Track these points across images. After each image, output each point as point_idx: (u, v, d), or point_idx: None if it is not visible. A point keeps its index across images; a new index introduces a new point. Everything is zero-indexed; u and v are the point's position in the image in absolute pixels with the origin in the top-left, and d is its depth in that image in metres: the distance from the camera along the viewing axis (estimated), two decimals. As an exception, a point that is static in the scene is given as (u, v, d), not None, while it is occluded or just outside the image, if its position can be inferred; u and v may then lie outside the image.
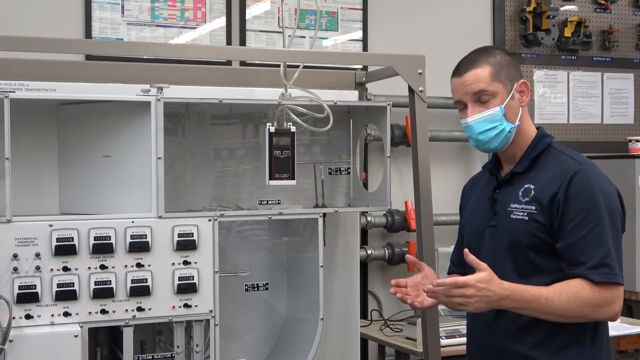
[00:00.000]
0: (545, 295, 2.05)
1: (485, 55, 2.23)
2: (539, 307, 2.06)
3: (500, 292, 2.05)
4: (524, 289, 2.07)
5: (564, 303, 2.04)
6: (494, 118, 2.17)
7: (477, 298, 2.03)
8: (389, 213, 4.42)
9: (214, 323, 2.49)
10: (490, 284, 2.05)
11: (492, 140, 2.19)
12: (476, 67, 2.20)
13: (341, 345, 2.95)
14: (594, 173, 2.12)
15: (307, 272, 2.72)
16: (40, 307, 2.30)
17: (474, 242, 2.28)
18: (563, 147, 2.24)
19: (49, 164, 2.61)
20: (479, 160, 4.88)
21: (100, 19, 4.00)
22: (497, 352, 2.21)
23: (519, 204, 2.16)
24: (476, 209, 2.33)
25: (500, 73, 2.19)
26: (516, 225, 2.15)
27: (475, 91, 2.19)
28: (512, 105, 2.19)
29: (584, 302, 2.04)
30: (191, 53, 2.70)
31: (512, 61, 2.24)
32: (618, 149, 5.10)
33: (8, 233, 2.28)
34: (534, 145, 2.22)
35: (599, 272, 2.04)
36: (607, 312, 2.07)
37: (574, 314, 2.06)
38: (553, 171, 2.15)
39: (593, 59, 5.28)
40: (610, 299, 2.06)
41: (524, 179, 2.20)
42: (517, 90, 2.20)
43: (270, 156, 2.56)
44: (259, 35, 4.34)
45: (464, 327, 3.79)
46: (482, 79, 2.18)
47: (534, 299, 2.05)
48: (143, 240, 2.40)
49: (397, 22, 4.67)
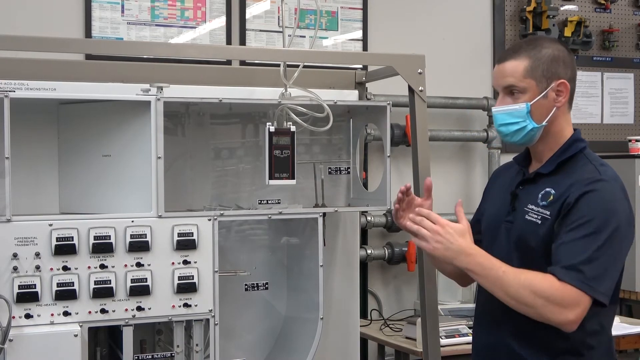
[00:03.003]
0: (505, 270, 2.02)
1: (532, 46, 2.15)
2: (493, 277, 2.02)
3: (466, 248, 2.04)
4: (488, 257, 2.05)
5: (517, 283, 1.99)
6: (518, 114, 2.12)
7: (439, 237, 2.04)
8: (388, 213, 4.42)
9: (213, 323, 2.49)
10: (460, 236, 2.05)
11: (513, 134, 2.15)
12: (515, 58, 2.14)
13: (341, 344, 2.95)
14: (613, 187, 2.06)
15: (307, 272, 2.72)
16: (40, 307, 2.30)
17: (489, 233, 2.26)
18: (594, 155, 2.17)
19: (48, 164, 2.61)
20: (479, 160, 4.88)
21: (100, 19, 4.00)
22: (499, 351, 2.20)
23: (536, 205, 2.12)
24: (497, 200, 2.29)
25: (537, 69, 2.11)
26: (528, 226, 2.12)
27: (505, 85, 2.15)
28: (543, 104, 2.12)
29: (537, 291, 1.97)
30: (191, 53, 2.70)
31: (561, 57, 2.14)
32: (618, 149, 5.10)
33: (8, 232, 2.28)
34: (565, 149, 2.15)
35: (568, 272, 1.97)
36: (559, 314, 1.98)
37: (524, 299, 1.99)
38: (575, 179, 2.08)
39: (593, 59, 5.28)
40: (567, 302, 1.97)
41: (547, 181, 2.14)
42: (554, 89, 2.12)
43: (270, 156, 2.56)
44: (259, 34, 4.34)
45: (464, 327, 3.81)
46: (514, 74, 2.12)
47: (492, 268, 2.02)
48: (143, 240, 2.40)
49: (397, 22, 4.67)
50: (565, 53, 2.16)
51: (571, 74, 2.16)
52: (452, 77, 4.70)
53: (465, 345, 3.71)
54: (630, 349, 4.51)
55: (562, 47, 2.18)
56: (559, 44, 2.19)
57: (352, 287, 2.98)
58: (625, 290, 4.57)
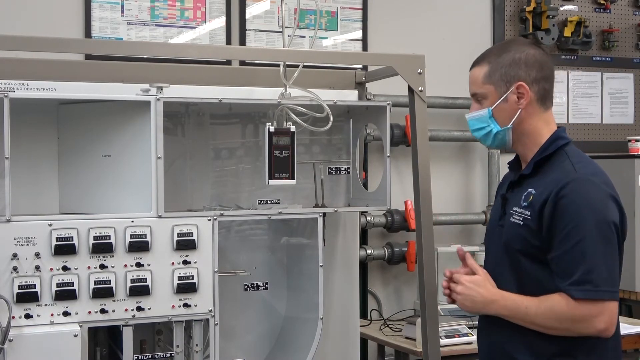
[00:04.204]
0: (526, 304, 2.07)
1: (495, 51, 2.19)
2: (520, 316, 2.08)
3: (488, 296, 2.11)
4: (509, 297, 2.11)
5: (541, 315, 2.05)
6: (482, 119, 2.20)
7: (463, 296, 2.13)
8: (388, 213, 4.43)
9: (213, 323, 2.49)
10: (480, 287, 2.11)
11: (484, 138, 2.23)
12: (478, 65, 2.20)
13: (341, 345, 2.95)
14: (588, 183, 2.04)
15: (307, 272, 2.72)
16: (40, 307, 2.30)
17: (488, 237, 2.32)
18: (575, 151, 2.16)
19: (48, 164, 2.61)
20: (478, 160, 4.88)
21: (100, 19, 4.00)
22: (496, 354, 2.21)
23: (519, 207, 2.14)
24: (495, 205, 2.34)
25: (495, 74, 2.14)
26: (512, 229, 2.14)
27: (471, 93, 2.23)
28: (504, 107, 2.15)
29: (560, 316, 2.03)
30: (191, 53, 2.70)
31: (522, 60, 2.14)
32: (618, 149, 5.10)
33: (8, 232, 2.28)
34: (544, 149, 2.16)
35: (581, 289, 1.99)
36: (589, 328, 2.02)
37: (552, 326, 2.05)
38: (552, 177, 2.09)
39: (593, 59, 5.28)
40: (591, 315, 2.00)
41: (529, 182, 2.15)
42: (514, 92, 2.14)
43: (270, 156, 2.56)
44: (259, 34, 4.34)
45: (464, 327, 3.81)
46: (476, 81, 2.19)
47: (516, 307, 2.08)
48: (143, 240, 2.40)
49: (397, 22, 4.67)
50: (530, 55, 2.15)
51: (537, 75, 2.15)
52: (452, 77, 4.68)
53: (465, 345, 3.71)
54: (630, 349, 4.50)
55: (529, 48, 2.17)
56: (528, 45, 2.18)
57: (352, 287, 2.98)
58: (625, 290, 4.56)
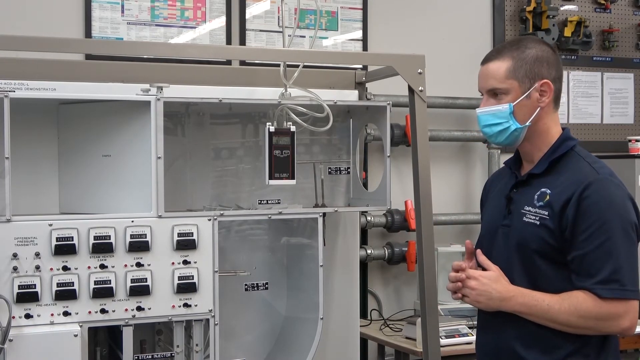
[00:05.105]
0: (548, 302, 2.05)
1: (515, 47, 2.17)
2: (540, 313, 2.06)
3: (504, 292, 2.08)
4: (528, 293, 2.08)
5: (564, 312, 2.03)
6: (501, 114, 2.15)
7: (478, 292, 2.10)
8: (388, 213, 4.43)
9: (213, 323, 2.49)
10: (495, 282, 2.08)
11: (497, 135, 2.18)
12: (498, 59, 2.16)
13: (341, 345, 2.95)
14: (610, 184, 2.07)
15: (307, 272, 2.72)
16: (40, 307, 2.30)
17: (487, 239, 2.27)
18: (585, 152, 2.18)
19: (48, 164, 2.61)
20: (478, 160, 4.88)
21: (100, 19, 4.00)
22: (503, 354, 2.20)
23: (532, 207, 2.13)
24: (493, 206, 2.31)
25: (520, 70, 2.13)
26: (527, 228, 2.12)
27: (488, 88, 2.18)
28: (526, 104, 2.14)
29: (584, 314, 2.02)
30: (191, 53, 2.70)
31: (544, 58, 2.15)
32: (618, 149, 5.10)
33: (8, 232, 2.28)
34: (555, 148, 2.16)
35: (607, 288, 2.01)
36: (614, 327, 2.04)
37: (575, 324, 2.04)
38: (570, 178, 2.09)
39: (593, 59, 5.28)
40: (617, 314, 2.02)
41: (541, 182, 2.15)
42: (538, 89, 2.14)
43: (270, 156, 2.56)
44: (259, 34, 4.34)
45: (464, 327, 3.81)
46: (496, 75, 2.15)
47: (537, 304, 2.06)
48: (143, 240, 2.40)
49: (397, 22, 4.67)
50: (550, 53, 2.17)
51: (555, 74, 2.17)
52: (452, 77, 4.69)
53: (465, 345, 3.71)
54: (630, 349, 4.51)
55: (546, 47, 2.18)
56: (544, 44, 2.20)
57: (352, 287, 2.97)
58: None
